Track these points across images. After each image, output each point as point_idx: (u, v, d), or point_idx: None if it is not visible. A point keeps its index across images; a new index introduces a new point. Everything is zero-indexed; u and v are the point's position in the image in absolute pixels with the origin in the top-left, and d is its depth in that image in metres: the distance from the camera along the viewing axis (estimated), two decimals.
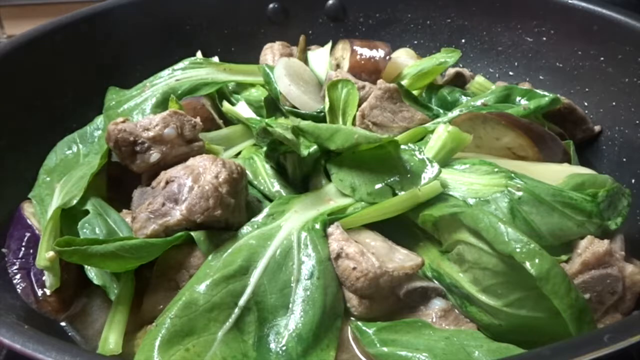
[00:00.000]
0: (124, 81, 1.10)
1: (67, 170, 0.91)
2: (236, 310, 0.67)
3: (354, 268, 0.71)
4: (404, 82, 1.08)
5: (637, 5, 1.09)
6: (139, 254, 0.71)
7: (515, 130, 0.86)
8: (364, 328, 0.71)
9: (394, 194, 0.78)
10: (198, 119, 0.86)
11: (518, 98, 1.00)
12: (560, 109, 1.01)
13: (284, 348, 0.66)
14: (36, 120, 1.00)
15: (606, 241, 0.72)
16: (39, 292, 0.78)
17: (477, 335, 0.69)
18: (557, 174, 0.79)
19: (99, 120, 1.00)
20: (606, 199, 0.75)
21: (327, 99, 0.97)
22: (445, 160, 0.83)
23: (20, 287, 0.78)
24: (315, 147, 0.84)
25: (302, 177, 0.88)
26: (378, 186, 0.79)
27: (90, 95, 1.08)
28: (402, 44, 1.29)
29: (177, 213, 0.72)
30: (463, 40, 1.27)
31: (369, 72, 1.11)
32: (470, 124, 0.89)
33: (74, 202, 0.81)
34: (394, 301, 0.74)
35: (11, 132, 0.96)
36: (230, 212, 0.74)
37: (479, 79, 1.13)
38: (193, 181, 0.74)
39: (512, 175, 0.76)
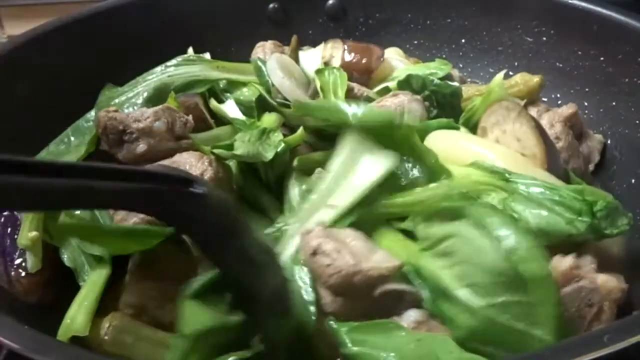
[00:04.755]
0: (125, 81, 1.10)
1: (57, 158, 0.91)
2: None
3: (328, 265, 0.70)
4: (391, 85, 1.08)
5: (637, 5, 1.09)
6: (142, 238, 0.70)
7: (539, 138, 0.85)
8: (335, 327, 0.69)
9: None
10: (190, 117, 0.86)
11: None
12: None
13: None
14: (36, 120, 1.00)
15: (569, 257, 0.71)
16: (12, 272, 0.77)
17: (449, 342, 0.66)
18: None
19: (91, 113, 1.00)
20: (604, 209, 0.74)
21: (317, 82, 1.00)
22: None
23: None
24: (283, 146, 0.83)
25: (275, 179, 0.87)
26: None
27: (90, 95, 1.08)
28: (402, 44, 1.29)
29: None
30: (463, 40, 1.27)
31: (360, 71, 1.11)
32: (504, 114, 0.88)
33: None
34: (369, 303, 0.73)
35: (10, 132, 0.96)
36: None
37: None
38: None
39: (508, 175, 0.76)
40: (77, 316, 0.69)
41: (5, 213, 0.82)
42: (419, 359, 0.63)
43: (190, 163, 0.75)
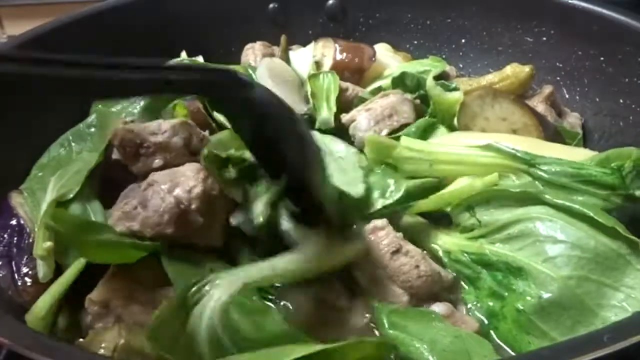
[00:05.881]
0: None
1: (60, 166, 0.90)
2: None
3: (417, 267, 0.72)
4: (384, 84, 1.08)
5: (637, 5, 1.09)
6: (124, 253, 0.70)
7: (523, 108, 0.85)
8: (377, 306, 0.72)
9: None
10: (207, 133, 0.85)
11: None
12: None
13: None
14: (35, 120, 1.00)
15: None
16: (19, 281, 0.78)
17: (486, 346, 0.67)
18: (578, 157, 0.79)
19: (92, 117, 0.99)
20: (633, 170, 0.74)
21: (309, 87, 1.00)
22: None
23: (0, 274, 0.78)
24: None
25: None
26: None
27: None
28: (402, 44, 1.29)
29: (139, 221, 0.71)
30: (463, 40, 1.27)
31: (352, 71, 1.11)
32: (480, 103, 0.88)
33: (71, 195, 0.81)
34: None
35: (10, 131, 0.96)
36: (194, 231, 0.71)
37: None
38: (168, 190, 0.71)
39: (532, 161, 0.76)
40: (38, 303, 0.71)
41: (12, 222, 0.82)
42: (450, 355, 0.64)
43: (187, 176, 0.73)
